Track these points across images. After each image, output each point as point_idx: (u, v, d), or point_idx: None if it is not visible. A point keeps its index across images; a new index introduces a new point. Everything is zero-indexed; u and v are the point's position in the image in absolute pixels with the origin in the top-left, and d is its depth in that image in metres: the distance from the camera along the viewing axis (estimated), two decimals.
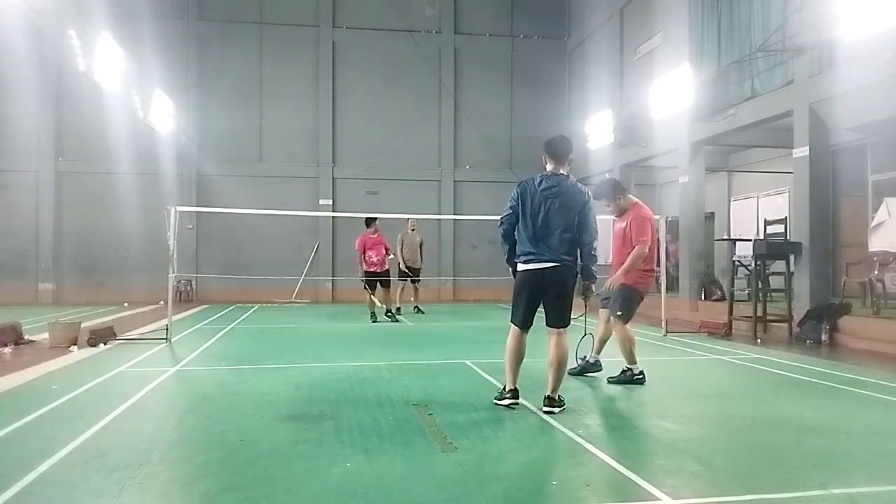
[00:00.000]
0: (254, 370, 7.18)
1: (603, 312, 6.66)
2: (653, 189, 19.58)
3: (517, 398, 5.24)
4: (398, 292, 13.64)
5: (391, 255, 12.95)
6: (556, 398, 5.11)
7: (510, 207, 5.17)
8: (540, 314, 5.21)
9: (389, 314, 12.68)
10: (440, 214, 19.35)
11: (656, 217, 11.10)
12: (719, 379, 6.94)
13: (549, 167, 5.26)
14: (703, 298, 13.69)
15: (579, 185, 5.21)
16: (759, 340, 9.88)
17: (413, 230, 13.97)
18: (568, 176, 5.23)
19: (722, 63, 12.25)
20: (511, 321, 5.26)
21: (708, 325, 10.96)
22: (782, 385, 6.43)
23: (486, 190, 20.08)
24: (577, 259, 5.08)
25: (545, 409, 5.04)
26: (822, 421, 4.96)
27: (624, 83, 17.34)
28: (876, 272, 10.38)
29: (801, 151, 10.55)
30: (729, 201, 17.12)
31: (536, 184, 5.15)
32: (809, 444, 4.28)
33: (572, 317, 5.28)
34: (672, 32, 14.67)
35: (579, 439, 4.33)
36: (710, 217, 16.87)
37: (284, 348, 8.98)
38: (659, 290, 11.08)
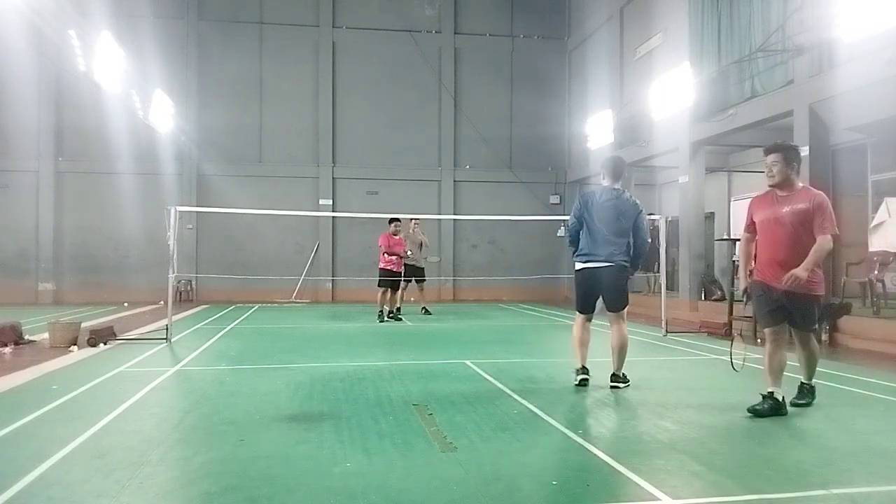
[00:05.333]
0: (254, 370, 7.18)
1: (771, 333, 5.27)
2: (653, 189, 19.59)
3: (587, 374, 6.08)
4: (399, 293, 13.64)
5: (409, 253, 13.13)
6: (621, 375, 5.97)
7: (575, 216, 6.03)
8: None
9: (391, 315, 12.72)
10: (440, 214, 19.35)
11: (655, 217, 11.14)
12: (719, 379, 6.93)
13: (605, 182, 6.06)
14: (703, 298, 13.68)
15: (633, 198, 6.07)
16: (759, 340, 9.86)
17: (415, 230, 13.97)
18: (624, 191, 6.04)
19: (722, 63, 12.25)
20: (576, 309, 6.24)
21: (708, 325, 10.96)
22: (782, 385, 6.41)
23: (486, 190, 20.12)
24: (630, 258, 5.97)
25: (611, 384, 5.93)
26: (822, 421, 4.96)
27: (624, 83, 17.34)
28: (876, 272, 10.37)
29: (801, 151, 10.52)
30: (729, 201, 17.11)
31: (598, 196, 5.99)
32: (809, 444, 4.28)
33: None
34: (672, 32, 14.67)
35: (579, 439, 4.33)
36: (710, 217, 16.86)
37: (284, 348, 8.98)
38: (659, 291, 11.07)
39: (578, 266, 6.01)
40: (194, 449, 4.15)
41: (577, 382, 6.03)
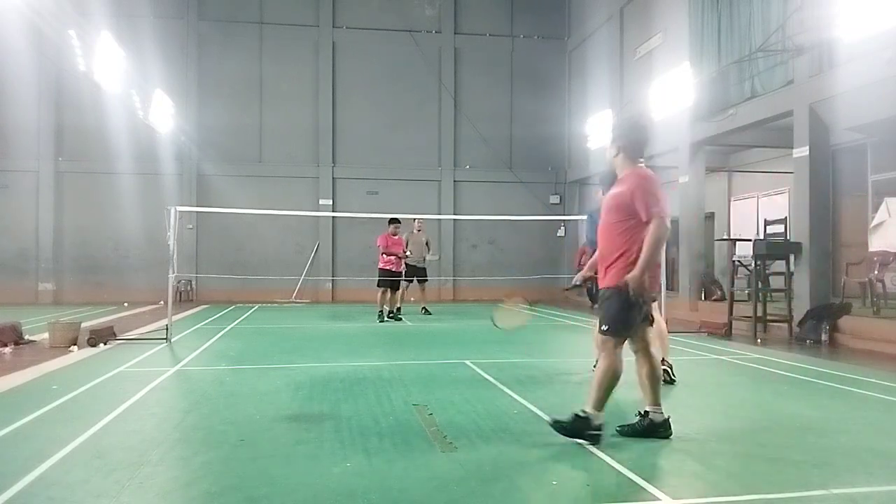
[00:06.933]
0: (254, 370, 7.18)
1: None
2: None
3: None
4: (400, 293, 13.64)
5: (408, 253, 13.12)
6: (669, 362, 6.20)
7: (594, 232, 6.25)
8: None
9: (391, 315, 12.72)
10: (440, 214, 19.35)
11: None
12: (719, 379, 6.94)
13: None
14: (703, 298, 13.68)
15: None
16: (759, 340, 9.88)
17: (419, 230, 13.98)
18: None
19: (722, 63, 12.24)
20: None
21: (708, 325, 10.96)
22: (782, 385, 6.42)
23: (486, 190, 20.12)
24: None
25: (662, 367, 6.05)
26: (822, 421, 4.96)
27: (624, 83, 17.34)
28: (876, 272, 10.38)
29: (801, 151, 10.55)
30: (729, 201, 17.12)
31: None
32: (809, 444, 4.28)
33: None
34: (672, 32, 14.66)
35: (579, 439, 4.32)
36: (710, 217, 16.86)
37: (284, 348, 8.98)
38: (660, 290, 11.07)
39: None
40: (194, 449, 4.15)
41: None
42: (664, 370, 6.17)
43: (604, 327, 4.24)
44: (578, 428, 4.19)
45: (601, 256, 4.39)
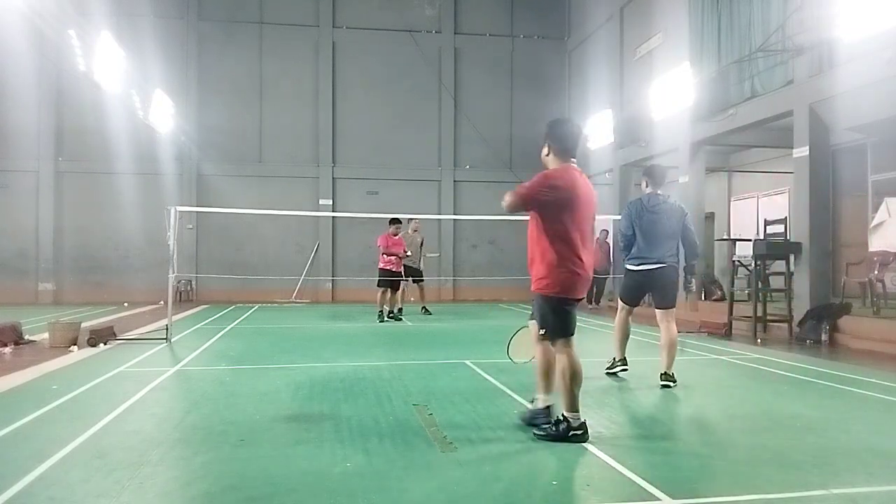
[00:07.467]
0: (254, 370, 7.18)
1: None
2: None
3: (626, 365, 6.51)
4: (399, 293, 13.64)
5: (409, 253, 13.10)
6: (671, 374, 6.05)
7: (629, 227, 6.28)
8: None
9: (391, 315, 12.72)
10: (440, 214, 19.35)
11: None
12: (719, 379, 6.94)
13: (648, 189, 6.34)
14: (703, 298, 13.69)
15: (678, 202, 6.42)
16: (759, 340, 9.88)
17: (415, 231, 13.98)
18: (669, 195, 6.35)
19: (722, 63, 12.25)
20: (622, 302, 6.54)
21: (708, 325, 10.95)
22: (782, 385, 6.42)
23: (486, 190, 20.06)
24: (679, 258, 6.29)
25: (662, 383, 6.01)
26: (822, 421, 4.96)
27: (624, 83, 17.34)
28: (876, 272, 10.38)
29: (801, 151, 10.56)
30: (729, 201, 17.13)
31: (645, 202, 6.27)
32: (809, 444, 4.28)
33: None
34: (672, 32, 14.67)
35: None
36: (710, 217, 16.88)
37: (284, 348, 8.98)
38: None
39: (632, 268, 6.32)
40: (194, 449, 4.15)
41: (615, 371, 6.50)
42: (664, 384, 6.03)
43: (541, 332, 4.42)
44: (560, 431, 4.26)
45: (531, 257, 4.44)
